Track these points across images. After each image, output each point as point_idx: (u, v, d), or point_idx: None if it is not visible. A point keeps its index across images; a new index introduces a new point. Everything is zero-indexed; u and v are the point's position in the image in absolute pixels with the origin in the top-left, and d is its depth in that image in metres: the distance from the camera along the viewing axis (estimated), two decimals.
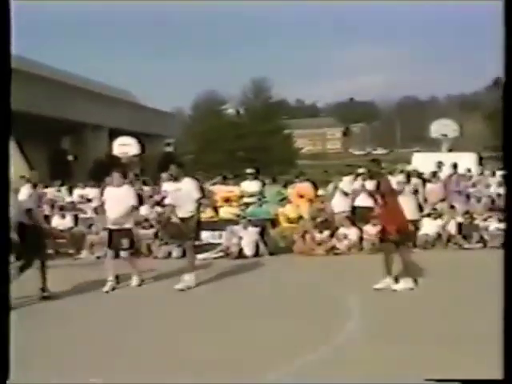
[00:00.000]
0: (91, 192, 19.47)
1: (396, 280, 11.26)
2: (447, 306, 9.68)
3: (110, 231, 12.23)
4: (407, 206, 17.81)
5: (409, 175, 19.52)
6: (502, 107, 5.81)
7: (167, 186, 19.05)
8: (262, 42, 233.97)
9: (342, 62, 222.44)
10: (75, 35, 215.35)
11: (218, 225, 17.65)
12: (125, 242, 12.10)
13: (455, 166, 20.27)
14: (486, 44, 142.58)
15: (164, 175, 19.95)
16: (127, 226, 12.24)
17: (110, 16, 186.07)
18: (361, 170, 19.32)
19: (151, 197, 19.05)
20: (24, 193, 13.92)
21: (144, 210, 18.17)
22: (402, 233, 11.38)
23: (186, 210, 12.03)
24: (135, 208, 13.08)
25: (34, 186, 18.93)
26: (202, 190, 12.88)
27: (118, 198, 12.13)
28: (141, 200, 19.00)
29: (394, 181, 19.28)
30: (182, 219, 12.05)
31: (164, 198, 18.84)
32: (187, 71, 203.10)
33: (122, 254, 12.28)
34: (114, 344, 8.17)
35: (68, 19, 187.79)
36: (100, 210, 13.07)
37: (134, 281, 12.39)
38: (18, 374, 6.00)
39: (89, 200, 19.21)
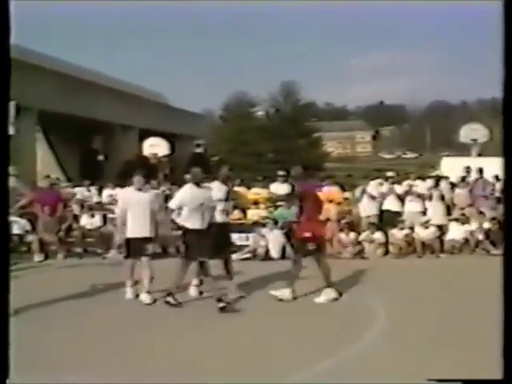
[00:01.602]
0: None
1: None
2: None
3: (129, 239, 11.19)
4: (435, 210, 17.88)
5: (437, 180, 19.52)
6: (502, 108, 5.76)
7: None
8: (292, 44, 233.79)
9: (373, 64, 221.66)
10: (104, 36, 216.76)
11: (245, 227, 17.69)
12: (149, 248, 11.26)
13: (481, 170, 20.05)
14: None
15: (188, 177, 20.07)
16: (149, 235, 11.25)
17: (140, 17, 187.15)
18: (390, 174, 19.34)
19: None
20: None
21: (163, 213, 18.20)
22: (319, 241, 10.99)
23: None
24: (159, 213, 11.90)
25: (51, 185, 19.08)
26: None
27: (140, 204, 11.16)
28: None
29: (424, 186, 19.30)
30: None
31: None
32: (217, 73, 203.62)
33: (143, 259, 11.22)
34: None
35: (96, 20, 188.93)
36: (121, 218, 11.40)
37: (144, 290, 11.08)
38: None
39: (117, 201, 19.30)
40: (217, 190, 11.17)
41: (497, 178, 20.55)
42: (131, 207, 11.13)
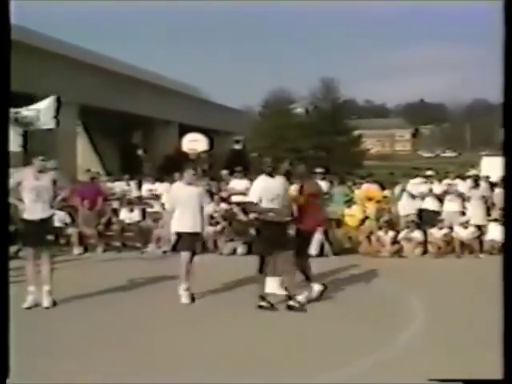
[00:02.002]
0: (160, 187, 19.64)
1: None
2: None
3: (179, 234, 10.77)
4: (475, 210, 17.69)
5: (477, 179, 19.29)
6: (503, 107, 5.68)
7: (235, 184, 19.20)
8: (331, 41, 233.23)
9: (413, 61, 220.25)
10: (144, 32, 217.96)
11: None
12: (197, 246, 10.85)
13: None
14: None
15: (224, 172, 20.09)
16: (198, 230, 10.84)
17: (180, 14, 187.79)
18: (429, 173, 19.17)
19: (216, 194, 19.01)
20: None
21: (209, 208, 18.23)
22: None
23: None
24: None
25: (92, 179, 19.22)
26: None
27: (190, 198, 10.78)
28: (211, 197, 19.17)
29: (463, 185, 19.10)
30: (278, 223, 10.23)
31: (231, 195, 18.97)
32: (257, 70, 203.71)
33: (188, 255, 10.66)
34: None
35: (135, 16, 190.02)
36: (170, 212, 11.05)
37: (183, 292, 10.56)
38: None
39: (157, 196, 19.34)
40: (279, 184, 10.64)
41: None
42: (181, 202, 10.78)
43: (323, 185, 18.84)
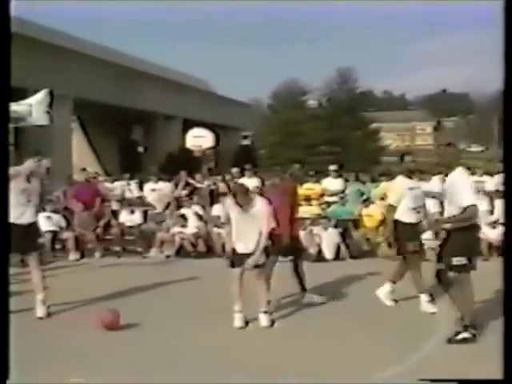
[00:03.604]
0: (164, 186, 19.63)
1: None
2: None
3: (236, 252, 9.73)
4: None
5: None
6: (503, 107, 5.71)
7: (244, 182, 19.14)
8: (347, 29, 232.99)
9: (435, 50, 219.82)
10: (147, 24, 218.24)
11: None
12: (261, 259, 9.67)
13: None
14: None
15: (234, 170, 20.01)
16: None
17: (186, 4, 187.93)
18: None
19: (224, 194, 18.95)
20: None
21: (217, 209, 18.20)
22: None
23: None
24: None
25: (89, 179, 19.21)
26: None
27: (249, 221, 9.54)
28: (213, 197, 19.12)
29: (492, 182, 18.96)
30: None
31: None
32: (266, 59, 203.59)
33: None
34: None
35: (136, 9, 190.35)
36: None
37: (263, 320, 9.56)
38: None
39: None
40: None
41: None
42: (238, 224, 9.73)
43: (338, 183, 18.85)
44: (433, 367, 7.42)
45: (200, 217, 18.27)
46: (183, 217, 17.82)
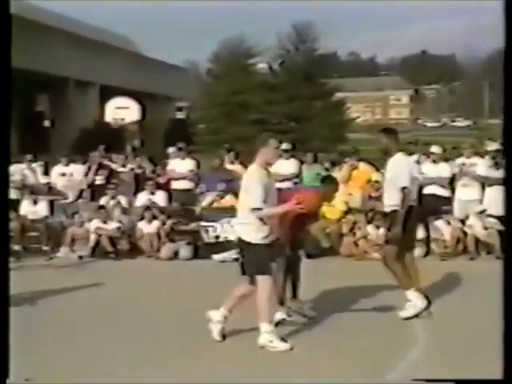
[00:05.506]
0: (76, 169, 19.48)
1: None
2: None
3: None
4: (495, 197, 17.62)
5: (498, 157, 19.15)
6: (503, 107, 5.97)
7: (176, 165, 19.10)
8: None
9: (414, 4, 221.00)
10: None
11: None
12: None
13: None
14: None
15: (172, 150, 19.91)
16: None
17: None
18: (433, 149, 18.99)
19: (151, 179, 18.86)
20: None
21: (142, 198, 18.19)
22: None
23: None
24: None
25: None
26: None
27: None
28: (138, 183, 19.04)
29: (482, 164, 19.02)
30: None
31: (170, 180, 18.89)
32: (203, 12, 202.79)
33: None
34: None
35: None
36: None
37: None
38: None
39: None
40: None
41: None
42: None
43: (290, 165, 18.79)
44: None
45: (123, 209, 18.22)
46: (103, 208, 17.72)
